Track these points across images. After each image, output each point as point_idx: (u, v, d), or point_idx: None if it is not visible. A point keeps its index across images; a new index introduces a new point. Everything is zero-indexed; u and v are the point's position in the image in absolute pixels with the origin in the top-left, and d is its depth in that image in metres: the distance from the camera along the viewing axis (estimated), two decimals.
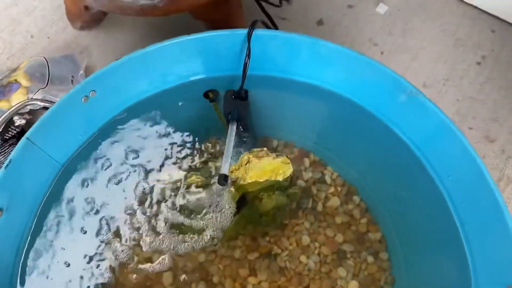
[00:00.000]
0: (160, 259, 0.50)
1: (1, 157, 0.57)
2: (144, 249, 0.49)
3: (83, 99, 0.43)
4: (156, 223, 0.48)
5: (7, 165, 0.38)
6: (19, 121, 0.58)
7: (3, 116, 0.43)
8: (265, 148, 0.47)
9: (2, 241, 0.39)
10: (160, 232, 0.49)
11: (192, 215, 0.48)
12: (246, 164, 0.45)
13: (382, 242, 0.53)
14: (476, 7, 0.76)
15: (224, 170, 0.43)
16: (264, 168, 0.45)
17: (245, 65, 0.47)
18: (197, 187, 0.47)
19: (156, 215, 0.48)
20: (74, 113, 0.43)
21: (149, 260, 0.50)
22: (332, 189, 0.55)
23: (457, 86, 0.70)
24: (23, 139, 0.40)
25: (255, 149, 0.47)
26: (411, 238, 0.50)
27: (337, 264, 0.51)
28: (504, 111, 0.69)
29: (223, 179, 0.43)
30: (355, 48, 0.62)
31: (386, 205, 0.53)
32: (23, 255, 0.41)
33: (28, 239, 0.41)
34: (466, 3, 0.77)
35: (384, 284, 0.51)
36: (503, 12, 0.75)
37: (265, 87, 0.51)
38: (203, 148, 0.53)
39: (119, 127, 0.47)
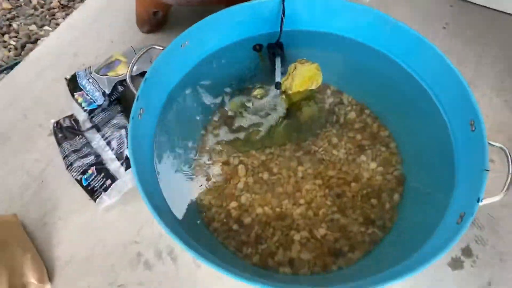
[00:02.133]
0: (233, 159, 0.71)
1: (109, 113, 0.80)
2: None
3: (181, 46, 0.67)
4: (234, 129, 0.70)
5: (144, 81, 0.61)
6: (120, 88, 0.81)
7: (133, 60, 0.65)
8: (304, 58, 0.70)
9: (144, 126, 0.60)
10: (237, 134, 0.70)
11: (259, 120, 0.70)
12: (293, 71, 0.68)
13: (390, 136, 0.74)
14: None
15: (277, 79, 0.66)
16: (305, 74, 0.67)
17: (282, 20, 0.71)
18: (260, 97, 0.70)
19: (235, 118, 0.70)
20: (177, 56, 0.67)
21: (227, 162, 0.71)
22: (349, 108, 0.77)
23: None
24: (150, 68, 0.63)
25: (298, 59, 0.70)
26: (408, 127, 0.71)
27: (359, 153, 0.72)
28: (467, 58, 0.92)
29: (277, 85, 0.65)
30: None
31: (389, 111, 0.74)
32: (156, 138, 0.62)
33: (157, 129, 0.63)
34: None
35: (395, 163, 0.71)
36: None
37: (296, 38, 0.74)
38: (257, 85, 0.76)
39: (204, 68, 0.70)
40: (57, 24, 1.32)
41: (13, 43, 1.27)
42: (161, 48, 0.64)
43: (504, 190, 0.52)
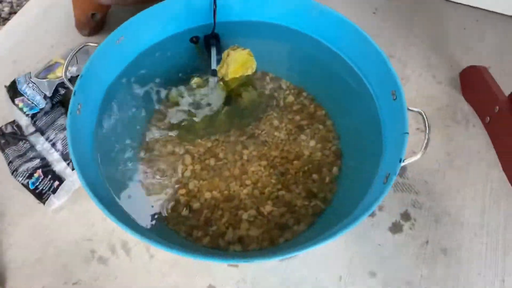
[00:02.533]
0: (177, 149, 0.73)
1: (52, 115, 0.80)
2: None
3: (116, 42, 0.68)
4: (176, 119, 0.72)
5: (80, 77, 0.62)
6: (62, 91, 0.81)
7: (68, 57, 0.66)
8: (236, 44, 0.73)
9: (83, 122, 0.61)
10: (179, 124, 0.72)
11: (199, 108, 0.72)
12: (226, 58, 0.71)
13: (326, 115, 0.78)
14: None
15: (213, 66, 0.69)
16: (238, 60, 0.71)
17: (214, 11, 0.74)
18: (198, 86, 0.72)
19: (175, 109, 0.72)
20: (113, 51, 0.68)
21: (172, 152, 0.73)
22: (287, 92, 0.81)
23: (363, 29, 1.00)
24: (86, 63, 0.64)
25: (231, 46, 0.73)
26: (341, 104, 0.76)
27: (299, 133, 0.76)
28: (396, 39, 0.99)
29: (214, 73, 0.68)
30: None
31: (324, 92, 0.79)
32: (95, 132, 0.63)
33: (96, 124, 0.64)
34: None
35: (332, 139, 0.75)
36: None
37: (231, 28, 0.78)
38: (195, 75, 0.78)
39: (141, 62, 0.72)
40: None
41: None
42: (96, 44, 0.65)
43: (422, 149, 0.57)
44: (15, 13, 1.39)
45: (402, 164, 0.56)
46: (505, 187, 0.78)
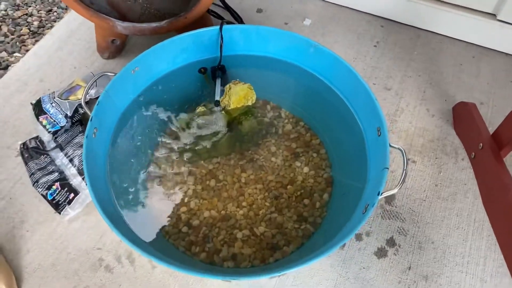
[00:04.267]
0: (183, 170, 0.80)
1: (71, 133, 0.88)
2: (174, 166, 0.79)
3: (132, 72, 0.76)
4: (182, 143, 0.79)
5: (97, 104, 0.70)
6: (81, 111, 0.89)
7: (88, 85, 0.74)
8: (237, 79, 0.80)
9: (98, 144, 0.69)
10: (185, 148, 0.79)
11: (204, 134, 0.79)
12: (228, 91, 0.78)
13: (320, 144, 0.84)
14: (369, 14, 1.16)
15: (217, 97, 0.76)
16: (239, 93, 0.78)
17: (221, 46, 0.81)
18: (203, 114, 0.80)
19: (182, 134, 0.80)
20: (128, 80, 0.76)
21: (177, 173, 0.80)
22: (286, 120, 0.87)
23: (363, 61, 1.07)
24: (103, 91, 0.72)
25: (232, 80, 0.80)
26: (334, 136, 0.82)
27: (294, 160, 0.82)
28: (394, 72, 1.04)
29: (217, 103, 0.75)
30: None
31: (321, 124, 0.85)
32: (109, 154, 0.71)
33: (110, 146, 0.71)
34: (363, 11, 1.16)
35: (325, 167, 0.81)
36: (388, 14, 1.15)
37: (237, 61, 0.85)
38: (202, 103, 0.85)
39: (154, 89, 0.80)
40: (27, 51, 1.38)
41: None
42: (113, 74, 0.73)
43: (399, 184, 0.62)
44: (43, 27, 1.50)
45: (381, 196, 0.61)
46: (488, 219, 0.82)
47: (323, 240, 0.70)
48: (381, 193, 0.61)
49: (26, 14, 1.54)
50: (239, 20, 1.09)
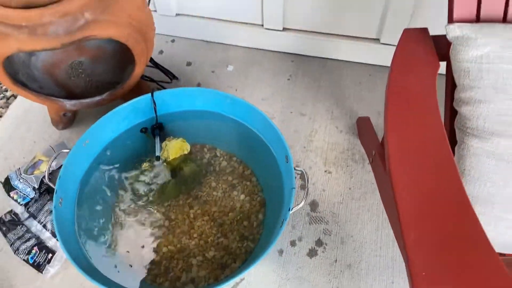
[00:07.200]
0: (139, 216, 0.96)
1: (41, 202, 1.03)
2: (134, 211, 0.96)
3: (83, 144, 0.92)
4: (135, 196, 0.96)
5: (59, 178, 0.85)
6: (46, 182, 1.04)
7: (47, 168, 0.89)
8: (171, 136, 0.98)
9: (64, 213, 0.85)
10: (139, 199, 0.96)
11: (152, 185, 0.96)
12: (165, 146, 0.96)
13: (252, 173, 1.02)
14: (281, 52, 1.37)
15: (157, 153, 0.93)
16: (175, 146, 0.96)
17: (155, 109, 0.99)
18: (149, 168, 0.97)
19: (133, 188, 0.96)
20: (81, 152, 0.92)
21: (136, 220, 0.96)
22: (221, 158, 1.05)
23: (280, 94, 1.27)
24: (63, 164, 0.87)
25: (167, 138, 0.98)
26: (260, 164, 1.01)
27: (232, 190, 1.00)
28: (307, 99, 1.25)
29: (157, 158, 0.93)
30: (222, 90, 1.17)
31: (249, 156, 1.04)
32: (76, 217, 0.87)
33: (75, 210, 0.87)
34: (275, 51, 1.37)
35: (257, 192, 1.00)
36: (296, 50, 1.36)
37: (172, 117, 1.02)
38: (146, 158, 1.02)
39: (104, 154, 0.96)
40: None
41: None
42: (67, 151, 0.89)
43: (303, 199, 0.81)
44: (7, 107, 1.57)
45: (291, 211, 0.80)
46: None
47: (262, 252, 0.88)
48: (291, 209, 0.80)
49: None
50: (171, 76, 1.28)
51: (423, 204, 0.57)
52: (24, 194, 1.02)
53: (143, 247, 0.92)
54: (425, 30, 0.74)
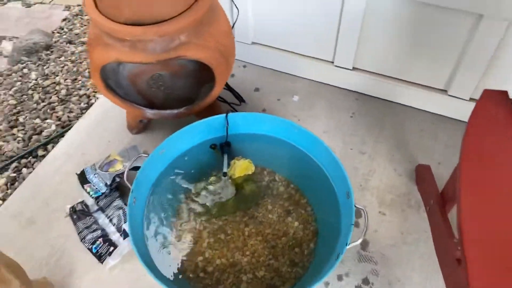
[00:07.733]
0: (199, 226, 1.02)
1: (110, 198, 1.12)
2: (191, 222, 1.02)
3: (160, 153, 1.00)
4: (198, 206, 1.02)
5: (136, 179, 0.93)
6: (117, 179, 1.13)
7: (128, 164, 0.98)
8: (240, 156, 1.04)
9: (137, 209, 0.92)
10: (201, 209, 1.02)
11: (215, 197, 1.02)
12: (234, 164, 1.02)
13: (307, 202, 1.06)
14: (345, 89, 1.41)
15: (224, 169, 1.00)
16: (242, 165, 1.02)
17: (227, 129, 1.06)
18: (215, 182, 1.03)
19: (198, 198, 1.03)
20: (157, 159, 1.00)
21: (194, 228, 1.02)
22: (279, 183, 1.10)
23: (341, 129, 1.31)
24: (141, 168, 0.95)
25: (236, 157, 1.04)
26: (317, 195, 1.05)
27: (287, 216, 1.04)
28: (368, 138, 1.28)
29: (224, 174, 0.99)
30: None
31: (307, 186, 1.08)
32: (144, 217, 0.94)
33: (145, 211, 0.95)
34: (340, 87, 1.42)
35: (311, 221, 1.03)
36: (361, 89, 1.40)
37: (240, 138, 1.09)
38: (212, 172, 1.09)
39: (176, 164, 1.04)
40: (58, 117, 1.56)
41: (21, 135, 1.52)
42: (146, 155, 0.97)
43: (362, 237, 0.84)
44: (70, 94, 1.69)
45: (348, 246, 0.83)
46: None
47: (310, 280, 0.91)
48: (348, 244, 0.83)
49: (54, 83, 1.77)
50: (240, 99, 1.35)
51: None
52: (96, 188, 1.11)
53: (197, 255, 0.97)
54: (505, 93, 0.76)
